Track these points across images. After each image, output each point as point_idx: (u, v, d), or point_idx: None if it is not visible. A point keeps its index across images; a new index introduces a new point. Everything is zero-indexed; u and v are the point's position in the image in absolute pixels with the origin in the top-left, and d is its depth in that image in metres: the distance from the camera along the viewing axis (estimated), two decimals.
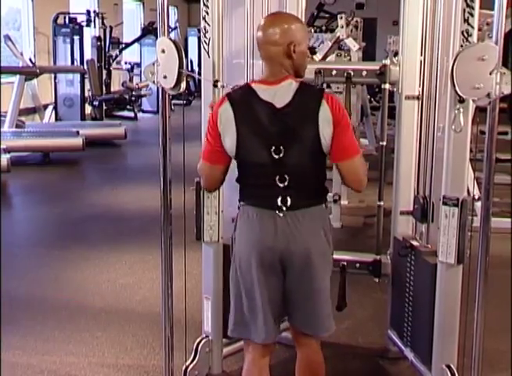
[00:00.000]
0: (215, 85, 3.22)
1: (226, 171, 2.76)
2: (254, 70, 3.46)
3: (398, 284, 3.57)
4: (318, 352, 2.82)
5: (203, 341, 3.39)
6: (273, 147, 2.56)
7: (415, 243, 3.43)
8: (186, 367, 3.34)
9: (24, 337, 3.96)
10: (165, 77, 3.07)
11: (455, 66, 2.79)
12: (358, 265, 3.64)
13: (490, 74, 2.73)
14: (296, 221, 2.60)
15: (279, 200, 2.59)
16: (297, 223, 2.59)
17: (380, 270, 3.63)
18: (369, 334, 3.68)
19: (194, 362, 3.35)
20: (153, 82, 3.14)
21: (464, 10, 2.85)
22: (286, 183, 2.59)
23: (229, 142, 2.62)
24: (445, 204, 3.01)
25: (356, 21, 8.83)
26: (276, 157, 2.57)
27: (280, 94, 2.58)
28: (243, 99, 2.65)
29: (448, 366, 3.09)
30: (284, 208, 2.59)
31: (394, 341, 3.67)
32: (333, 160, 2.65)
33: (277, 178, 2.59)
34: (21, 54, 10.40)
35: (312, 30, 9.74)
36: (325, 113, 2.56)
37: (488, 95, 2.74)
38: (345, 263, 3.63)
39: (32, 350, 3.79)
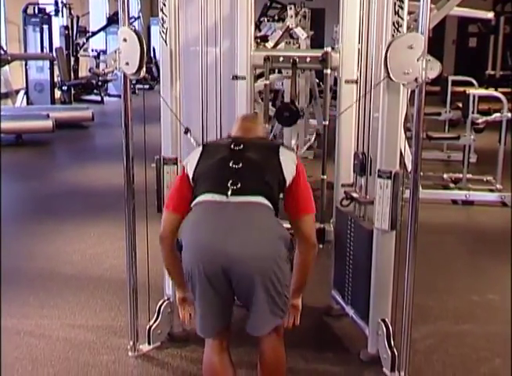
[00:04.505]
0: (186, 133, 3.32)
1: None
2: (208, 57, 3.49)
3: (340, 249, 3.65)
4: (274, 349, 2.63)
5: (164, 304, 3.43)
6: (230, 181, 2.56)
7: (355, 194, 3.49)
8: (150, 327, 3.39)
9: (2, 302, 3.95)
10: (127, 63, 3.08)
11: (388, 54, 2.85)
12: None
13: (417, 60, 2.80)
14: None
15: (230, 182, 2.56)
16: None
17: (324, 237, 3.68)
18: (315, 295, 3.74)
19: (157, 322, 3.40)
20: (116, 68, 3.16)
21: (395, 3, 2.93)
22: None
23: (190, 166, 2.68)
24: (379, 176, 3.08)
25: (304, 11, 8.87)
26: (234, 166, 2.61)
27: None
28: (215, 142, 2.87)
29: (383, 320, 3.19)
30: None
31: (337, 300, 3.75)
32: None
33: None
34: None
35: (266, 20, 9.75)
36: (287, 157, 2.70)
37: (416, 79, 2.82)
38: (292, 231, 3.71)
39: (8, 314, 3.79)
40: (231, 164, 2.60)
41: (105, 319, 3.77)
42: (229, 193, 2.54)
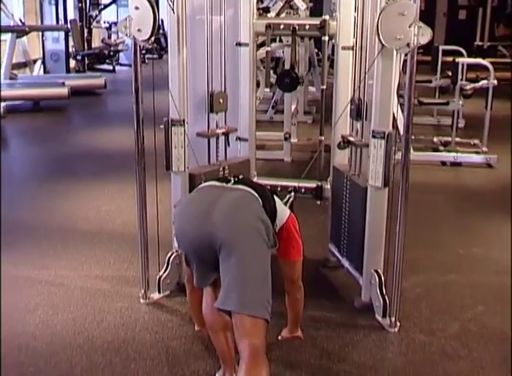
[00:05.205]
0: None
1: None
2: (213, 25, 3.44)
3: (336, 205, 3.64)
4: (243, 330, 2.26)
5: (173, 255, 3.44)
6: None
7: (351, 138, 3.47)
8: (160, 277, 3.41)
9: (24, 255, 3.99)
10: (139, 30, 3.04)
11: (380, 21, 2.81)
12: (303, 190, 3.70)
13: (409, 27, 2.76)
14: None
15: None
16: None
17: (321, 194, 3.70)
18: (313, 248, 3.74)
19: (166, 272, 3.42)
20: (126, 35, 3.11)
21: None
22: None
23: None
24: (374, 137, 3.05)
25: None
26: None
27: None
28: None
29: (376, 271, 3.21)
30: None
31: (334, 253, 3.77)
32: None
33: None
34: (12, 15, 10.08)
35: None
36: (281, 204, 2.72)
37: (408, 44, 2.78)
38: (293, 189, 3.69)
39: (31, 265, 3.82)
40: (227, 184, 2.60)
41: (118, 269, 3.79)
42: (230, 183, 2.56)
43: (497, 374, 2.77)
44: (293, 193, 3.09)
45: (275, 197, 2.70)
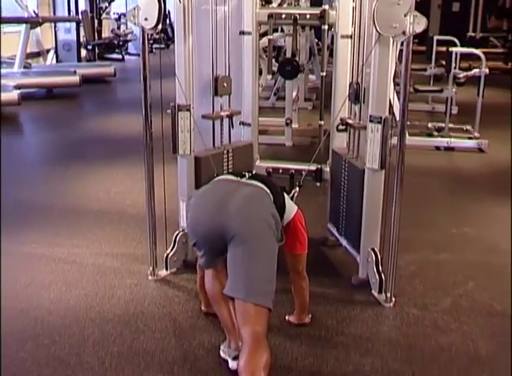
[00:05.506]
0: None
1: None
2: (217, 14, 3.41)
3: (335, 187, 3.63)
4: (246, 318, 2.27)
5: (180, 234, 3.44)
6: None
7: (350, 121, 3.45)
8: (167, 255, 3.41)
9: (39, 234, 3.98)
10: (146, 19, 3.02)
11: (376, 10, 2.79)
12: (303, 172, 3.69)
13: (404, 16, 2.73)
14: None
15: None
16: None
17: (321, 176, 3.68)
18: (313, 228, 3.69)
19: (173, 250, 3.42)
20: (134, 24, 3.09)
21: None
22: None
23: None
24: (371, 121, 3.04)
25: None
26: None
27: None
28: None
29: (373, 249, 3.21)
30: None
31: (332, 232, 3.76)
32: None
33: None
34: (26, 7, 10.01)
35: None
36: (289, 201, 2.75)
37: (403, 32, 2.76)
38: (293, 171, 3.69)
39: (45, 243, 3.83)
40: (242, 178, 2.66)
41: (128, 248, 3.80)
42: (245, 178, 2.63)
43: (486, 346, 2.78)
44: (298, 188, 3.08)
45: (285, 194, 2.74)
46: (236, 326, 2.44)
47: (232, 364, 2.50)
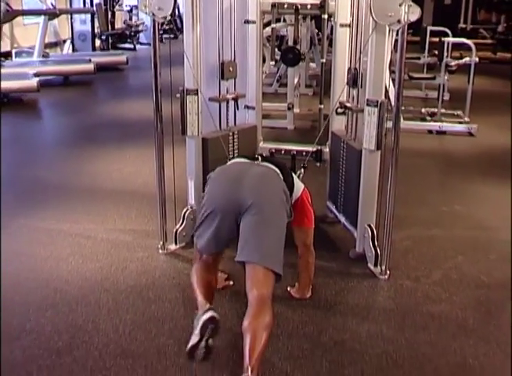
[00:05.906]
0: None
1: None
2: (223, 4, 3.37)
3: (334, 167, 3.63)
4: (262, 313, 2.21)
5: (188, 211, 3.44)
6: None
7: (348, 104, 3.43)
8: (176, 230, 3.41)
9: (57, 211, 3.99)
10: (160, 8, 2.99)
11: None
12: (304, 153, 3.67)
13: (400, 5, 2.70)
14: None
15: None
16: None
17: (320, 157, 3.67)
18: (313, 206, 3.74)
19: (182, 226, 3.42)
20: (146, 13, 3.06)
21: None
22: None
23: None
24: (368, 105, 3.02)
25: None
26: None
27: None
28: None
29: (369, 225, 3.21)
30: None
31: (331, 210, 3.76)
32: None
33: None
34: (44, 0, 9.95)
35: None
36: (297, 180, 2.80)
37: (399, 21, 2.73)
38: (295, 152, 3.68)
39: (62, 220, 3.83)
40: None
41: (139, 224, 3.79)
42: (257, 160, 2.69)
43: (473, 315, 2.79)
44: (303, 170, 3.10)
45: (293, 174, 2.79)
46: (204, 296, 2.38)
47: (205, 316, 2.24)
